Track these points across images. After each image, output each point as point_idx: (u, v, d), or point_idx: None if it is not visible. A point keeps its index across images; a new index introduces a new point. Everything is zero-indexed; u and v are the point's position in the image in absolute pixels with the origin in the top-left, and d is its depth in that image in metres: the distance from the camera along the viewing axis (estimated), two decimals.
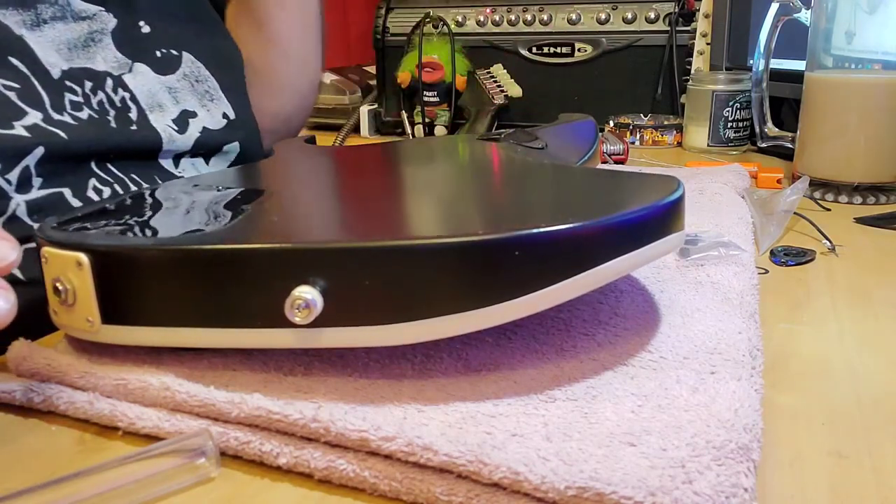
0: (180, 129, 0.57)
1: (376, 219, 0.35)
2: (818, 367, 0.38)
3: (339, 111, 1.36)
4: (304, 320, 0.30)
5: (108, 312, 0.34)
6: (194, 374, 0.33)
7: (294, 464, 0.29)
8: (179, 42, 0.60)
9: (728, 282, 0.43)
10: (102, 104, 0.53)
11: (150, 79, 0.56)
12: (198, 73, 0.60)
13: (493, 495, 0.26)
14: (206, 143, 0.59)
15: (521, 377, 0.33)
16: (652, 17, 1.11)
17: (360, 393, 0.31)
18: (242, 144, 0.63)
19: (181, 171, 0.58)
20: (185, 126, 0.58)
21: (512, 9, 1.19)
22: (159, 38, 0.58)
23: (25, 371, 0.35)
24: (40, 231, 0.35)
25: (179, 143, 0.57)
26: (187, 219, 0.38)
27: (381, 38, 1.25)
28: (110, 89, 0.53)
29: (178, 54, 0.59)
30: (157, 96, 0.56)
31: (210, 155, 0.61)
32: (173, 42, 0.60)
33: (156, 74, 0.57)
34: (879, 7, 0.69)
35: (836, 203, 0.69)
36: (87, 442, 0.32)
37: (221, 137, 0.61)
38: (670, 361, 0.34)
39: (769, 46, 0.77)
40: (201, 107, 0.60)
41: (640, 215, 0.32)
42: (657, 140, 1.02)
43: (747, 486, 0.25)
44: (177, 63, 0.59)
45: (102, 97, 0.53)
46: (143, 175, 0.54)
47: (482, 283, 0.30)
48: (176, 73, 0.58)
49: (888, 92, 0.67)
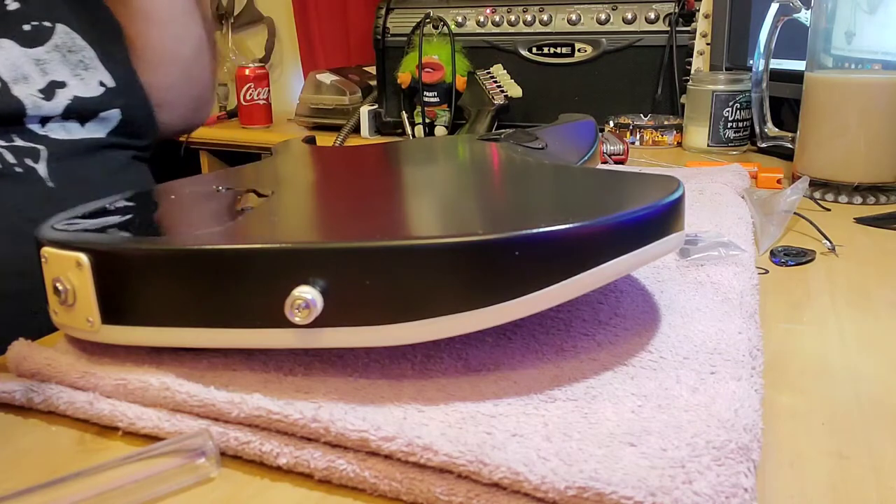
0: (47, 97, 0.58)
1: (376, 219, 0.35)
2: (818, 367, 0.38)
3: (339, 111, 1.36)
4: (304, 320, 0.30)
5: (108, 312, 0.34)
6: (194, 374, 0.33)
7: (294, 464, 0.29)
8: (53, 14, 0.61)
9: (728, 282, 0.43)
10: None
11: (13, 53, 0.58)
12: (71, 44, 0.61)
13: (493, 495, 0.26)
14: (78, 109, 0.60)
15: (521, 377, 0.33)
16: (652, 18, 1.11)
17: (360, 393, 0.31)
18: (124, 111, 0.64)
19: (47, 132, 0.59)
20: (52, 95, 0.59)
21: (512, 9, 1.19)
22: (28, 13, 0.60)
23: (25, 371, 0.35)
24: (40, 231, 0.35)
25: (46, 110, 0.58)
26: (187, 219, 0.38)
27: (381, 39, 1.25)
28: None
29: (52, 26, 0.61)
30: (22, 69, 0.58)
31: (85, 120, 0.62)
32: (46, 15, 0.61)
33: (21, 48, 0.58)
34: (879, 7, 0.69)
35: (836, 203, 0.69)
36: (87, 442, 0.32)
37: (97, 104, 0.62)
38: (670, 361, 0.34)
39: (769, 46, 0.77)
40: (73, 76, 0.61)
41: (640, 215, 0.32)
42: (657, 140, 1.02)
43: (747, 487, 0.25)
44: (48, 34, 0.60)
45: None
46: (4, 137, 0.56)
47: (482, 283, 0.30)
48: (45, 45, 0.60)
49: (888, 92, 0.67)
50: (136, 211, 0.39)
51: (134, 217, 0.38)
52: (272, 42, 1.87)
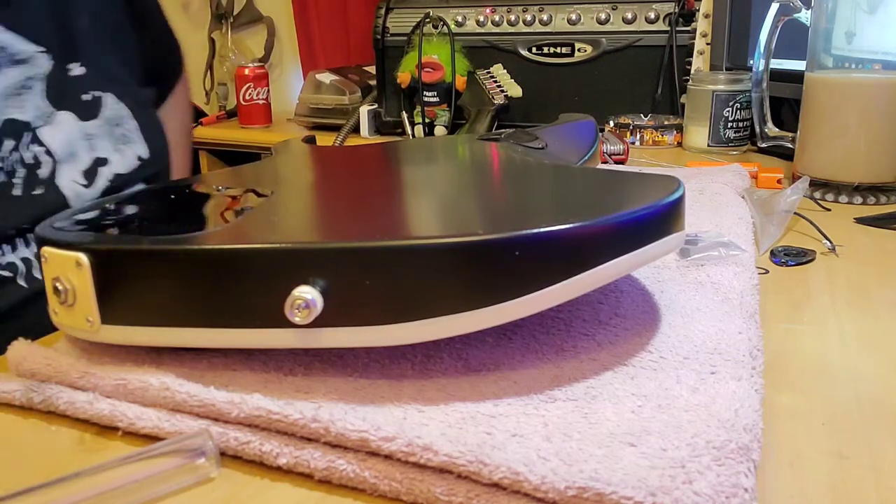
0: (88, 181, 0.57)
1: (376, 219, 0.35)
2: (818, 367, 0.38)
3: (339, 111, 1.36)
4: (304, 320, 0.30)
5: (108, 312, 0.34)
6: (194, 374, 0.33)
7: (294, 464, 0.29)
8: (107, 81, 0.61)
9: (728, 282, 0.43)
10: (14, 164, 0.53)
11: (70, 127, 0.57)
12: (117, 117, 0.61)
13: (493, 495, 0.26)
14: (114, 188, 0.59)
15: (521, 377, 0.33)
16: (652, 17, 1.11)
17: (360, 393, 0.31)
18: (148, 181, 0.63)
19: None
20: (94, 177, 0.58)
21: (512, 9, 1.19)
22: (88, 81, 0.59)
23: (25, 371, 0.35)
24: (40, 231, 0.35)
25: (86, 197, 0.57)
26: (187, 219, 0.38)
27: (381, 39, 1.25)
28: (24, 146, 0.54)
29: (101, 96, 0.60)
30: (74, 145, 0.57)
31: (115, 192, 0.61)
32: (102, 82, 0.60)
33: (78, 121, 0.57)
34: (879, 7, 0.69)
35: (836, 203, 0.69)
36: (87, 442, 0.32)
37: (131, 178, 0.61)
38: (670, 361, 0.34)
39: (769, 46, 0.77)
40: (114, 151, 0.60)
41: (640, 215, 0.32)
42: (657, 140, 1.02)
43: (747, 487, 0.25)
44: (99, 106, 0.59)
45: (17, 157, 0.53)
46: None
47: (482, 283, 0.30)
48: (98, 118, 0.59)
49: (888, 92, 0.67)
50: (135, 211, 0.39)
51: (134, 217, 0.38)
52: (272, 42, 1.87)
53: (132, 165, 0.61)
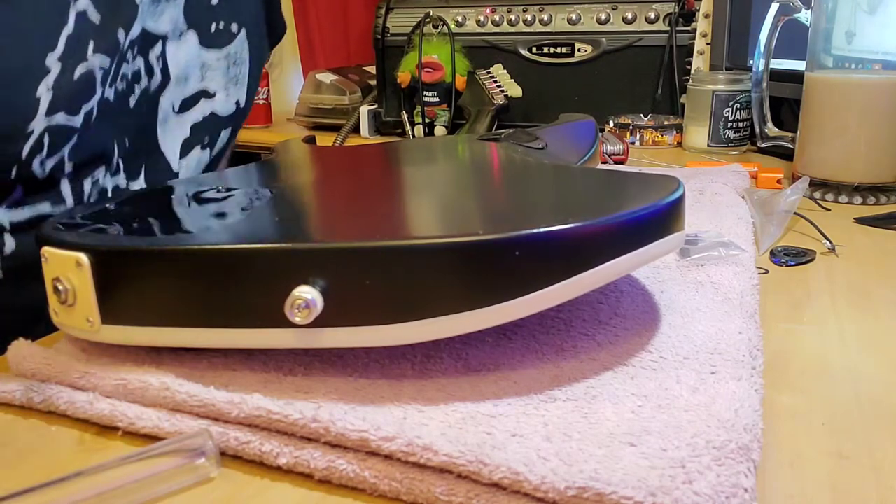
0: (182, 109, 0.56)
1: (376, 219, 0.35)
2: (818, 367, 0.38)
3: (339, 111, 1.36)
4: (304, 320, 0.30)
5: (108, 312, 0.34)
6: (194, 374, 0.33)
7: (294, 464, 0.29)
8: (242, 16, 0.59)
9: (728, 282, 0.43)
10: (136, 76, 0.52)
11: (191, 51, 0.55)
12: (239, 56, 0.60)
13: (493, 495, 0.26)
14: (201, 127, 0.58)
15: (521, 377, 0.33)
16: (652, 17, 1.11)
17: (360, 393, 0.31)
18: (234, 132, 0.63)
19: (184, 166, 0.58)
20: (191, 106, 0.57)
21: (512, 9, 1.19)
22: (223, 10, 0.57)
23: (25, 371, 0.35)
24: (41, 231, 0.35)
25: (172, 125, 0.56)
26: (188, 219, 0.38)
27: (381, 38, 1.25)
28: (154, 58, 0.53)
29: (236, 32, 0.59)
30: (188, 69, 0.56)
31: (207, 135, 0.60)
32: (236, 15, 0.58)
33: (200, 47, 0.56)
34: (879, 7, 0.69)
35: (836, 203, 0.69)
36: (87, 442, 0.32)
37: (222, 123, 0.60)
38: (670, 361, 0.34)
39: (769, 46, 0.77)
40: (224, 89, 0.59)
41: (640, 215, 0.32)
42: (657, 140, 1.02)
43: (747, 487, 0.25)
44: (227, 40, 0.58)
45: (141, 65, 0.52)
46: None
47: (482, 283, 0.30)
48: (222, 49, 0.58)
49: (888, 92, 0.67)
50: (136, 211, 0.39)
51: (134, 217, 0.38)
52: None
53: (230, 110, 0.60)
